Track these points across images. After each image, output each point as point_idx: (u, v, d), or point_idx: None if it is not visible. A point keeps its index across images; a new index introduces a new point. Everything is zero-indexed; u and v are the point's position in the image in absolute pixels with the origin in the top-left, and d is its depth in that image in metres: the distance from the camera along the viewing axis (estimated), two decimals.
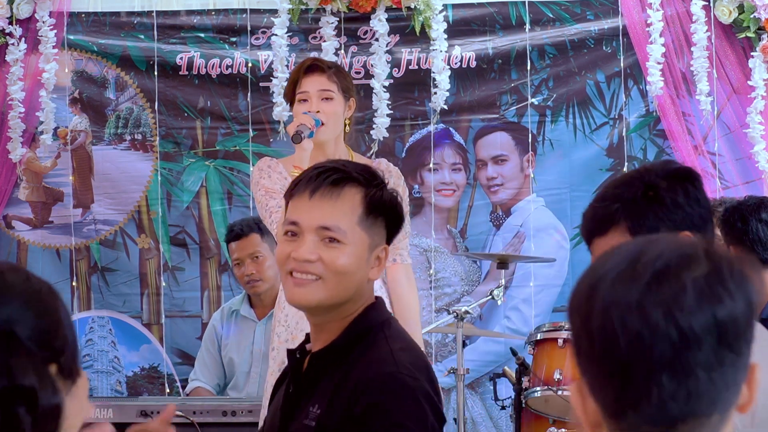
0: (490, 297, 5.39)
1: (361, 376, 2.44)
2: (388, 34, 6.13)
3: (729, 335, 1.38)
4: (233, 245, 5.54)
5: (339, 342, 2.51)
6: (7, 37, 6.12)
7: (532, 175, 6.24)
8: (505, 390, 5.50)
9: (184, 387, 5.98)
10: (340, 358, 2.49)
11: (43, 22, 6.10)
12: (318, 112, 4.21)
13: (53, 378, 1.60)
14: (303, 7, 6.10)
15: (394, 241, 4.43)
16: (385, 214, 2.56)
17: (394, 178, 4.44)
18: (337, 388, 2.44)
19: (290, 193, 2.59)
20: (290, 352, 2.60)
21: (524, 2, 6.21)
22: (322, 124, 4.20)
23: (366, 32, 6.20)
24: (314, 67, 4.31)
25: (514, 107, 6.25)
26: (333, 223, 2.50)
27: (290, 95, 4.33)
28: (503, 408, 5.54)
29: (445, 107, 6.12)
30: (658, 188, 2.39)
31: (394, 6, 6.09)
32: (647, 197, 2.38)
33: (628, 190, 2.41)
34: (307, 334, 2.60)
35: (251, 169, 5.37)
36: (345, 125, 4.34)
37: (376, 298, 2.62)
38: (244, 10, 6.26)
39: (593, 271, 1.44)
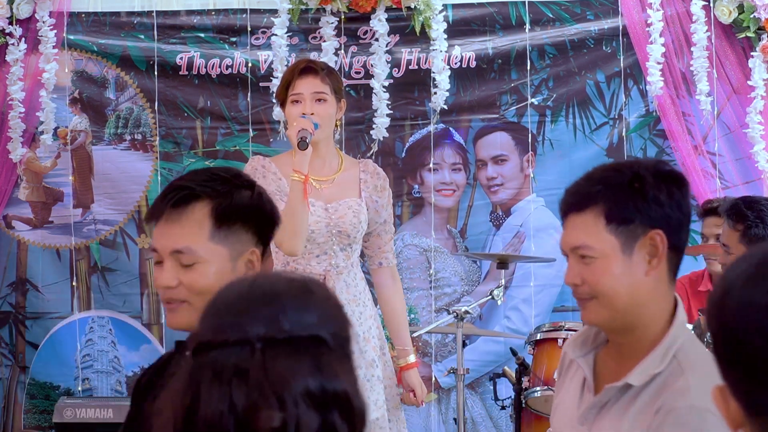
0: (490, 297, 5.39)
1: None
2: (388, 34, 6.12)
3: None
4: None
5: None
6: (7, 37, 6.12)
7: (532, 175, 6.24)
8: (505, 390, 5.49)
9: None
10: None
11: (43, 22, 6.10)
12: (312, 114, 4.29)
13: (361, 383, 1.59)
14: (303, 7, 6.09)
15: (380, 244, 4.50)
16: (241, 219, 2.48)
17: (381, 180, 4.48)
18: None
19: (147, 220, 2.57)
20: None
21: (524, 2, 6.21)
22: (319, 126, 4.28)
23: (366, 32, 6.20)
24: (308, 69, 4.37)
25: (514, 107, 6.25)
26: (183, 245, 2.45)
27: (282, 96, 4.40)
28: (503, 408, 5.53)
29: (445, 107, 6.11)
30: (645, 181, 2.41)
31: (394, 6, 6.08)
32: (632, 187, 2.41)
33: (615, 175, 2.44)
34: None
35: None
36: (335, 126, 4.44)
37: None
38: (244, 10, 6.25)
39: (724, 280, 1.48)
